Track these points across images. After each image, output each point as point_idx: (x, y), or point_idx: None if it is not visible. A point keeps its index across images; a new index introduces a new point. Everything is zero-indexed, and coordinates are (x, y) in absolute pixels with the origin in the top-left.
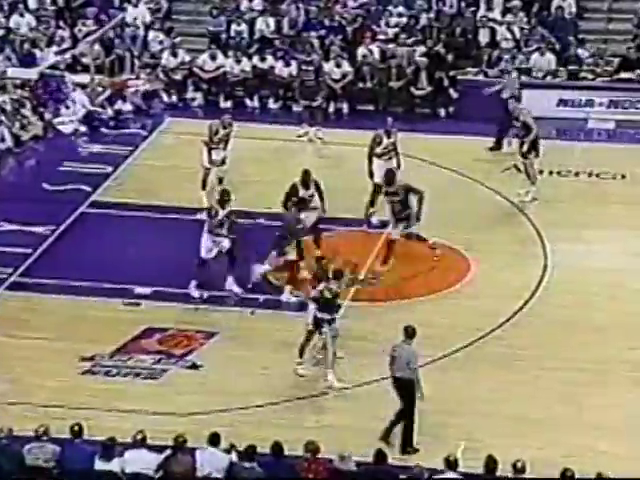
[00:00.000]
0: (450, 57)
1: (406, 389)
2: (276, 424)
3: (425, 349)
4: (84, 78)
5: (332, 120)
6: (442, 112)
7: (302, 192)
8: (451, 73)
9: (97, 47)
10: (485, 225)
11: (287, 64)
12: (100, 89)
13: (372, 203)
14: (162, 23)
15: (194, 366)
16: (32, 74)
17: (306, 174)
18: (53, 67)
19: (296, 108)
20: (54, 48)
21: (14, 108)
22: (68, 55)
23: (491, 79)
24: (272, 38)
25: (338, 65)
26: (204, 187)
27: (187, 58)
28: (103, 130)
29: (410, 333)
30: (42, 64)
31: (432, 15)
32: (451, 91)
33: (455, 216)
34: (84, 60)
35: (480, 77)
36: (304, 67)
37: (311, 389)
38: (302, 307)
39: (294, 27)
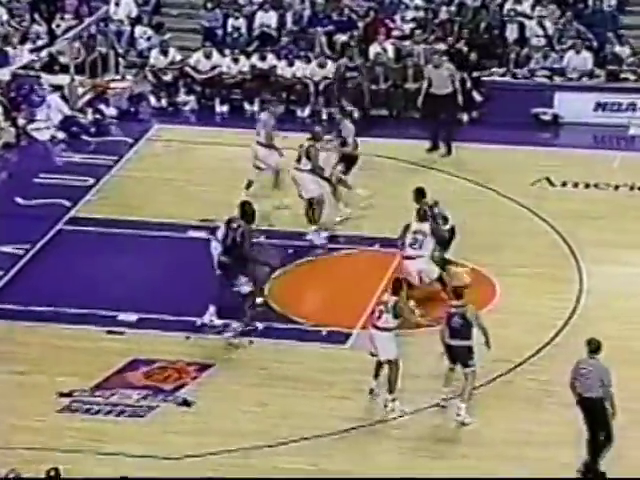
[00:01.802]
0: (473, 56)
1: (598, 409)
2: (275, 468)
3: (441, 384)
4: (62, 79)
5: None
6: (464, 117)
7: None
8: (474, 74)
9: (77, 44)
10: (513, 244)
11: (290, 64)
12: (80, 91)
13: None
14: (150, 17)
15: (185, 403)
16: (4, 74)
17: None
18: (27, 67)
19: (301, 113)
20: (28, 45)
21: None
22: (44, 53)
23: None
24: (274, 34)
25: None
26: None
27: (178, 57)
28: (83, 137)
29: (594, 347)
30: (15, 63)
31: (453, 8)
32: (474, 94)
33: (479, 234)
34: (62, 59)
35: (507, 78)
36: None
37: (313, 428)
38: (304, 336)
39: (299, 22)
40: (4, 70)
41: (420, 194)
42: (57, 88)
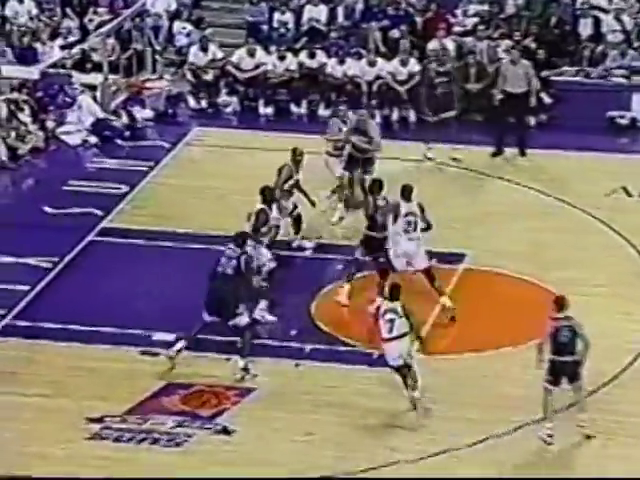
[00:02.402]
0: (542, 53)
1: None
2: None
3: (507, 413)
4: (95, 78)
5: (395, 131)
6: (532, 121)
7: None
8: (543, 73)
9: (111, 40)
10: (585, 260)
11: (341, 61)
12: (114, 92)
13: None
14: (190, 11)
15: (225, 431)
16: (32, 73)
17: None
18: (57, 65)
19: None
20: (59, 41)
21: (10, 114)
22: (76, 50)
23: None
24: (323, 30)
25: (404, 63)
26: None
27: (220, 54)
28: (117, 142)
29: None
30: (44, 61)
31: (521, 1)
32: (543, 95)
33: (547, 248)
34: (95, 56)
35: (580, 78)
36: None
37: (364, 459)
38: (353, 359)
39: (350, 17)
40: (32, 68)
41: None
42: (89, 88)
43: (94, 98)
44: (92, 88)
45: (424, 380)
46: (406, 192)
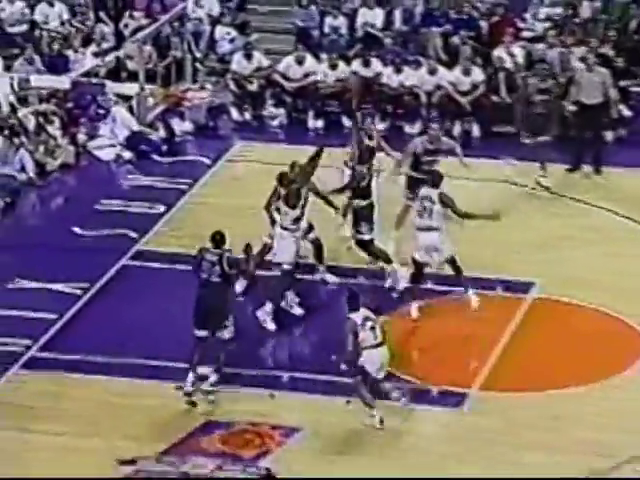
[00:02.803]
0: (621, 61)
1: None
2: None
3: (576, 457)
4: (130, 88)
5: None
6: (609, 136)
7: None
8: (622, 83)
9: (148, 47)
10: None
11: (398, 70)
12: (151, 103)
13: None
14: (234, 16)
15: (269, 475)
16: (63, 82)
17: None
18: (90, 73)
19: (410, 129)
20: (92, 48)
21: (38, 127)
22: (110, 58)
23: None
24: (379, 36)
25: (467, 72)
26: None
27: (266, 62)
28: (153, 157)
29: None
30: (76, 69)
31: (598, 4)
32: (622, 107)
33: (625, 277)
34: (130, 64)
35: None
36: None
37: None
38: (411, 397)
39: (409, 21)
40: (63, 78)
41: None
42: (124, 99)
43: (129, 109)
44: (127, 99)
45: (483, 419)
46: (432, 177)
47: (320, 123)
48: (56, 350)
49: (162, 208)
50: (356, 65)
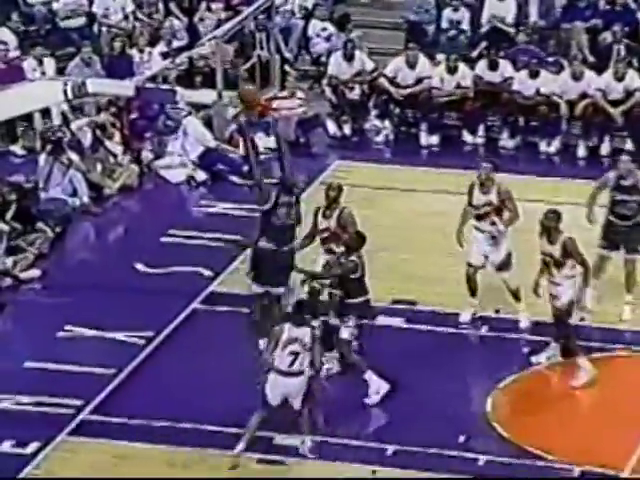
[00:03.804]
0: None
1: None
2: None
3: None
4: (206, 96)
5: (607, 167)
6: None
7: None
8: None
9: (228, 46)
10: None
11: (534, 74)
12: (230, 114)
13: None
14: (331, 8)
15: None
16: (126, 88)
17: None
18: (157, 78)
19: (547, 147)
20: (160, 47)
21: (95, 142)
22: (182, 59)
23: None
24: (510, 32)
25: (619, 77)
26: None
27: (370, 65)
28: (232, 179)
29: None
30: (141, 73)
31: None
32: None
33: None
34: (207, 67)
35: None
36: None
37: None
38: (547, 476)
39: (547, 14)
40: (126, 82)
41: None
42: (198, 108)
43: (205, 122)
44: (201, 108)
45: None
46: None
47: (435, 139)
48: (112, 413)
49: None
50: (481, 68)
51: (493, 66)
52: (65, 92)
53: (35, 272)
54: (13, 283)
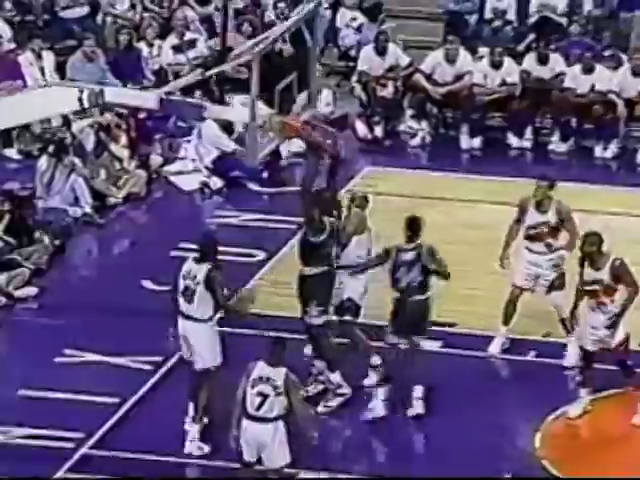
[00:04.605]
0: None
1: None
2: None
3: None
4: (239, 114)
5: None
6: None
7: None
8: None
9: (244, 40)
10: None
11: (588, 70)
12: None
13: None
14: None
15: None
16: (148, 100)
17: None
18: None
19: (602, 152)
20: (172, 40)
21: (98, 145)
22: (215, 71)
23: None
24: (561, 23)
25: None
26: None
27: (404, 59)
28: (251, 187)
29: None
30: (150, 67)
31: None
32: None
33: None
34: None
35: None
36: None
37: None
38: None
39: (602, 3)
40: (149, 94)
41: None
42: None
43: (224, 126)
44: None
45: None
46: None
47: (477, 142)
48: (117, 446)
49: (261, 255)
50: (529, 62)
51: (543, 60)
52: (80, 100)
53: (31, 290)
54: (7, 302)
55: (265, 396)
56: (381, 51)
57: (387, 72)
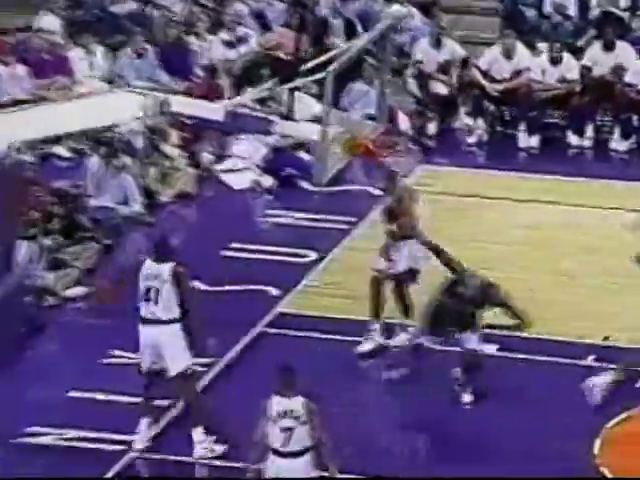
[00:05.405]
0: None
1: None
2: None
3: None
4: (309, 131)
5: None
6: None
7: None
8: None
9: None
10: None
11: None
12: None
13: None
14: None
15: None
16: (214, 112)
17: None
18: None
19: None
20: (223, 35)
21: (149, 143)
22: (248, 48)
23: None
24: (624, 18)
25: None
26: None
27: (461, 53)
28: (302, 185)
29: None
30: (200, 61)
31: None
32: None
33: None
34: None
35: None
36: None
37: None
38: None
39: None
40: (216, 106)
41: None
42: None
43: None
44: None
45: None
46: None
47: (535, 140)
48: (167, 450)
49: (313, 255)
50: (589, 58)
51: (609, 46)
52: (145, 108)
53: (80, 290)
54: (56, 302)
55: (290, 429)
56: (436, 44)
57: (442, 66)
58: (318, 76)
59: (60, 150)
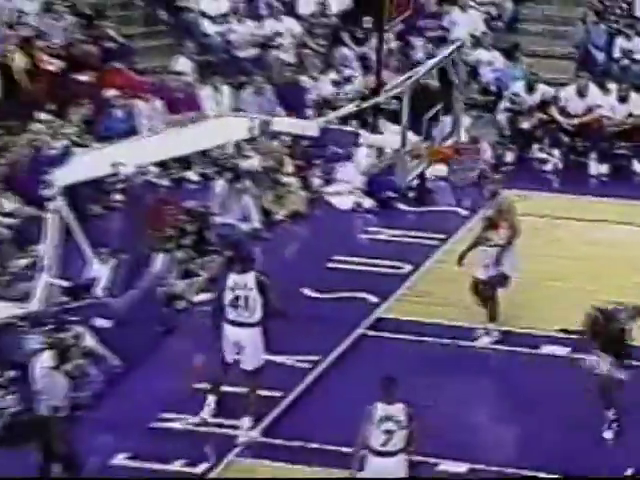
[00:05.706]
0: None
1: None
2: None
3: None
4: (389, 141)
5: None
6: None
7: None
8: None
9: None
10: None
11: None
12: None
13: None
14: (500, 37)
15: None
16: (310, 128)
17: None
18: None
19: None
20: (331, 75)
21: (268, 167)
22: (369, 103)
23: None
24: None
25: None
26: None
27: (550, 92)
28: (398, 206)
29: None
30: (311, 98)
31: None
32: None
33: None
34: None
35: None
36: None
37: None
38: None
39: None
40: (311, 123)
41: None
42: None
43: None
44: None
45: None
46: None
47: (605, 168)
48: (282, 435)
49: (408, 268)
50: None
51: None
52: (251, 129)
53: (207, 295)
54: (186, 306)
55: (391, 432)
56: (530, 87)
57: (534, 107)
58: (394, 93)
59: (191, 175)
